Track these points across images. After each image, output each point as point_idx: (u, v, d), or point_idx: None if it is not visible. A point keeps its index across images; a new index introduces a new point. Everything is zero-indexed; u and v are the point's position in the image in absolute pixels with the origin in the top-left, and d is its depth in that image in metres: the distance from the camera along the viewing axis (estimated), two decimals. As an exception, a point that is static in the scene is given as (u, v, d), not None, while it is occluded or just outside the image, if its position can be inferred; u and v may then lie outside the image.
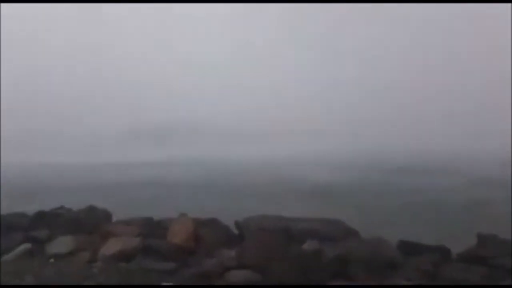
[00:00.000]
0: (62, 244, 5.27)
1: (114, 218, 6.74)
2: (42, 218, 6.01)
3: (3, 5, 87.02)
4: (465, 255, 4.63)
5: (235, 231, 6.18)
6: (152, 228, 5.84)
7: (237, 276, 5.20)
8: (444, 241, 5.49)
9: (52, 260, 5.11)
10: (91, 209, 6.18)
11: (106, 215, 6.29)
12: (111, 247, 5.14)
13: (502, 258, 4.35)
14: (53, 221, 5.90)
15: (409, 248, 5.09)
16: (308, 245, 5.49)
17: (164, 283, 4.93)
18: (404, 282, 4.53)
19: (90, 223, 5.83)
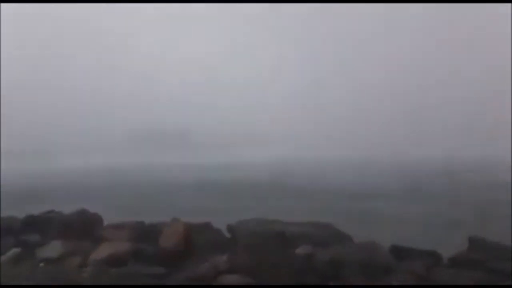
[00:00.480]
0: (52, 248, 5.24)
1: (106, 222, 6.69)
2: (32, 222, 5.97)
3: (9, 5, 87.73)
4: (456, 259, 4.61)
5: (228, 235, 6.15)
6: (144, 233, 5.80)
7: (229, 280, 5.19)
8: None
9: (42, 264, 5.08)
10: (82, 213, 6.13)
11: (97, 219, 6.24)
12: (102, 251, 5.11)
13: (494, 261, 4.33)
14: (43, 225, 5.86)
15: (400, 253, 5.07)
16: (301, 250, 5.47)
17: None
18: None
19: (81, 227, 5.79)
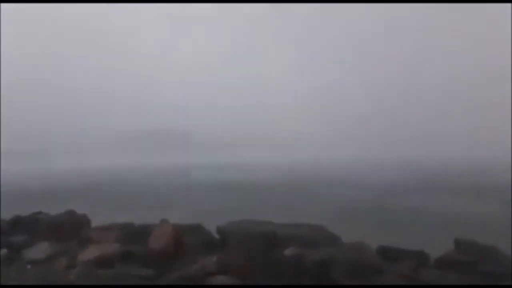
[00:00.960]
0: (39, 249, 5.22)
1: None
2: (19, 223, 5.95)
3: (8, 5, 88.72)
4: (443, 260, 4.61)
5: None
6: (133, 234, 5.79)
7: (218, 281, 5.18)
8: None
9: (29, 266, 5.06)
10: (70, 214, 6.11)
11: (85, 220, 6.21)
12: (90, 253, 5.10)
13: (480, 263, 4.33)
14: (30, 226, 5.84)
15: (388, 253, 5.08)
16: (290, 251, 5.47)
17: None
18: None
19: (68, 228, 5.77)
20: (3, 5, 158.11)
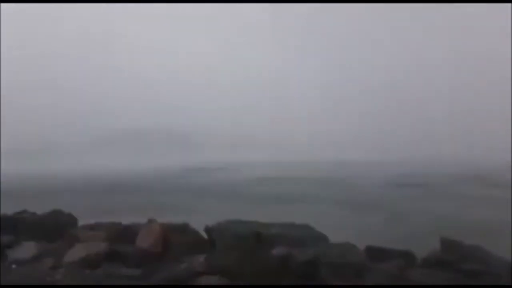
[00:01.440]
0: (25, 249, 5.20)
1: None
2: (4, 222, 5.92)
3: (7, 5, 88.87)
4: (429, 260, 4.59)
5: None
6: (120, 233, 5.77)
7: (206, 281, 5.16)
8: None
9: (14, 266, 5.04)
10: (56, 213, 6.09)
11: (71, 220, 6.20)
12: (76, 252, 5.07)
13: (466, 262, 4.31)
14: (15, 225, 5.82)
15: (375, 253, 5.06)
16: (278, 251, 5.45)
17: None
18: None
19: (54, 228, 5.75)
20: (3, 5, 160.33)
